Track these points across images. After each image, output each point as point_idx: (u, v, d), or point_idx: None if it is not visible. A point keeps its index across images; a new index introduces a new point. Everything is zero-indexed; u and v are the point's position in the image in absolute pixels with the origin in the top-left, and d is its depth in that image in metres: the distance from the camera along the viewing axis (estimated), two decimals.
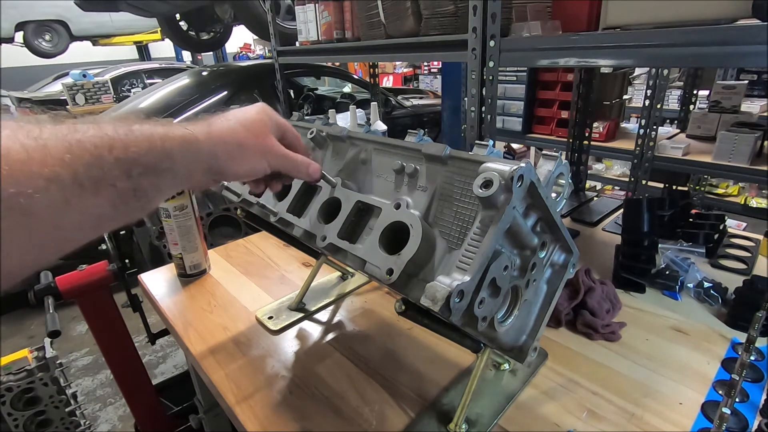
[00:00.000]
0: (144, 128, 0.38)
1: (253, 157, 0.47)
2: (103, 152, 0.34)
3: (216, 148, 0.43)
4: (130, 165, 0.35)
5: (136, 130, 0.37)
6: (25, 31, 6.44)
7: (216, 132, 0.44)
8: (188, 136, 0.41)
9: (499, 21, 0.97)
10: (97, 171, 0.33)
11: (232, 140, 0.45)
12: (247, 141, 0.46)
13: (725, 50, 0.67)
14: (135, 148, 0.36)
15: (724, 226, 1.08)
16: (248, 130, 0.46)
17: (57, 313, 1.03)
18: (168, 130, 0.40)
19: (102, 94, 4.12)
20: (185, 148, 0.41)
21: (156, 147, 0.38)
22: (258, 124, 0.48)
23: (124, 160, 0.35)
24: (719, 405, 0.52)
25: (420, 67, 7.90)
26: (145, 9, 3.68)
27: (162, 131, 0.39)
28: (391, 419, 0.62)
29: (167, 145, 0.39)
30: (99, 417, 1.90)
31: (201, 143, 0.42)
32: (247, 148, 0.46)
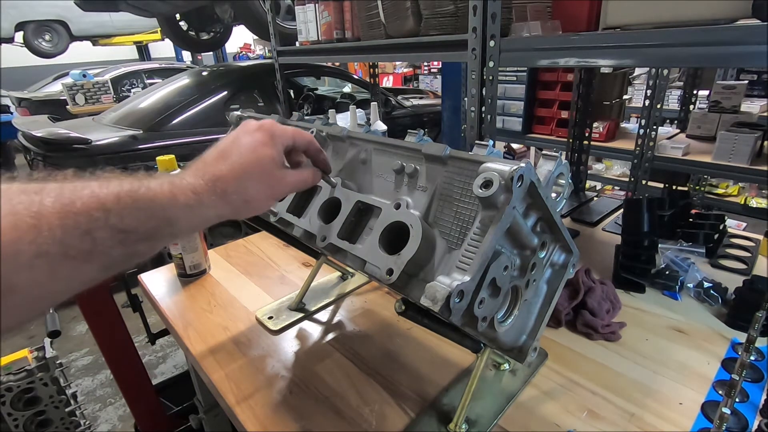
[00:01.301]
0: (149, 194, 0.37)
1: (259, 204, 0.47)
2: (98, 223, 0.33)
3: (220, 209, 0.43)
4: (126, 234, 0.35)
5: (140, 198, 0.36)
6: (25, 31, 6.44)
7: (220, 191, 0.42)
8: (192, 202, 0.40)
9: (499, 21, 0.97)
10: (90, 242, 0.33)
11: (237, 198, 0.44)
12: (253, 194, 0.45)
13: (725, 50, 0.67)
14: (134, 218, 0.35)
15: (724, 226, 1.08)
16: (253, 178, 0.45)
17: (57, 313, 1.03)
18: (174, 194, 0.39)
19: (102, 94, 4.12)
20: (189, 214, 0.40)
21: (157, 216, 0.37)
22: (263, 165, 0.46)
23: (120, 229, 0.35)
24: (719, 405, 0.52)
25: (420, 67, 7.90)
26: (145, 9, 3.68)
27: (166, 197, 0.38)
28: (391, 419, 0.61)
29: (170, 213, 0.38)
30: (99, 417, 1.90)
31: (205, 206, 0.41)
32: (252, 200, 0.45)
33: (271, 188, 0.47)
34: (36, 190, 0.32)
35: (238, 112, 0.81)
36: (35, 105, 4.67)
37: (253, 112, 0.80)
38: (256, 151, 0.46)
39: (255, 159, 0.45)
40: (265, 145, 0.46)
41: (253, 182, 0.45)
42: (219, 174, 0.43)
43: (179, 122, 2.64)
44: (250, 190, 0.45)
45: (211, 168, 0.43)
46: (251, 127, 0.48)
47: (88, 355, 2.28)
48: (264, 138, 0.47)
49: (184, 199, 0.39)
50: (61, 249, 0.31)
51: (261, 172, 0.45)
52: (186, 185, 0.40)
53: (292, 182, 0.50)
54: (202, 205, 0.41)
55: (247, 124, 0.49)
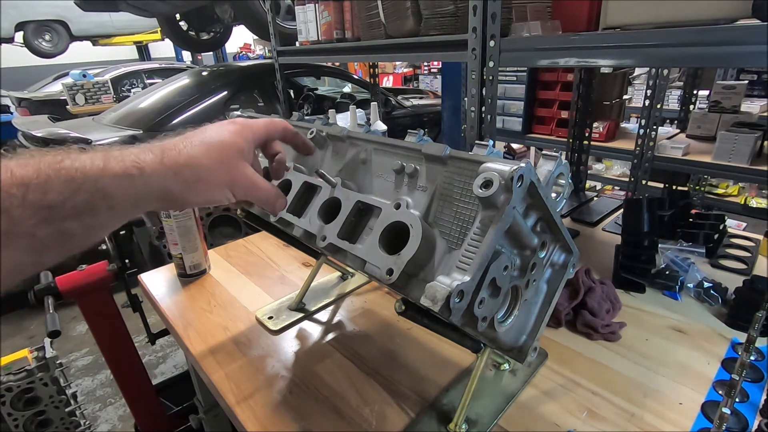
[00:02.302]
0: (75, 165, 0.34)
1: (213, 188, 0.42)
2: (14, 201, 0.30)
3: (167, 181, 0.39)
4: (51, 210, 0.32)
5: (63, 168, 0.33)
6: (25, 31, 6.44)
7: (170, 161, 0.39)
8: (131, 170, 0.36)
9: (499, 21, 0.97)
10: (6, 223, 0.30)
11: (188, 172, 0.40)
12: (206, 172, 0.41)
13: (725, 50, 0.67)
14: (58, 191, 0.32)
15: (724, 226, 1.08)
16: (211, 158, 0.41)
17: (57, 313, 1.03)
18: (107, 164, 0.35)
19: (102, 94, 4.12)
20: (127, 184, 0.36)
21: (86, 187, 0.34)
22: (226, 149, 0.43)
23: (43, 205, 0.31)
24: (719, 405, 0.52)
25: (420, 67, 7.90)
26: (145, 9, 3.68)
27: (98, 167, 0.35)
28: (391, 419, 0.61)
29: (102, 184, 0.34)
30: (99, 417, 1.90)
31: (148, 176, 0.37)
32: (205, 180, 0.41)
33: (229, 176, 0.43)
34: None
35: (238, 112, 0.81)
36: (35, 105, 4.67)
37: (253, 112, 0.80)
38: (222, 136, 0.43)
39: (219, 142, 0.42)
40: (233, 133, 0.44)
41: (209, 161, 0.41)
42: (172, 146, 0.40)
43: (179, 122, 2.64)
44: (206, 170, 0.41)
45: (166, 143, 0.40)
46: (223, 122, 0.46)
47: (88, 355, 2.28)
48: (234, 128, 0.45)
49: (120, 168, 0.36)
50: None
51: (223, 156, 0.42)
52: (127, 155, 0.37)
53: (255, 186, 0.46)
54: (144, 174, 0.37)
55: (222, 121, 0.47)
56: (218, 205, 0.46)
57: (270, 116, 0.57)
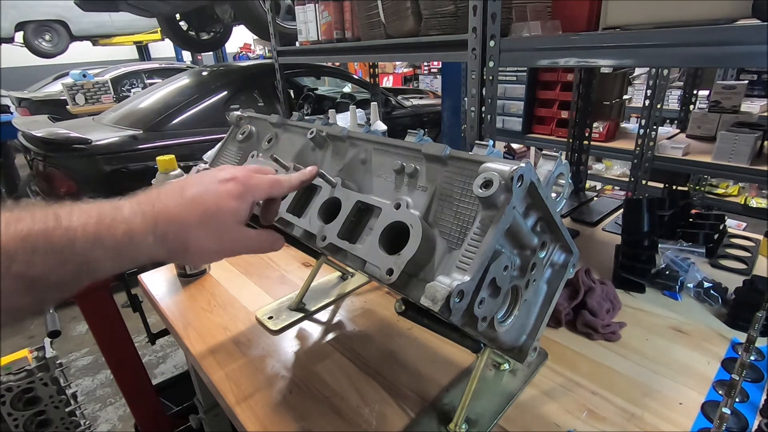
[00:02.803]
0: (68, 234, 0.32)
1: (201, 256, 0.42)
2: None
3: (156, 251, 0.38)
4: (32, 283, 0.31)
5: (54, 241, 0.32)
6: (25, 31, 6.45)
7: (160, 231, 0.38)
8: (122, 241, 0.35)
9: (499, 21, 0.97)
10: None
11: (177, 243, 0.39)
12: (195, 243, 0.40)
13: (725, 50, 0.67)
14: (44, 264, 0.31)
15: (724, 226, 1.08)
16: (204, 225, 0.40)
17: (57, 313, 1.03)
18: (99, 235, 0.34)
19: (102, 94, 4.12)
20: (115, 255, 0.35)
21: (74, 260, 0.33)
22: (221, 216, 0.41)
23: (27, 277, 0.31)
24: (719, 405, 0.52)
25: (420, 67, 7.90)
26: (145, 9, 3.68)
27: (89, 238, 0.34)
28: (391, 419, 0.61)
29: (92, 257, 0.34)
30: (99, 417, 1.90)
31: (138, 246, 0.37)
32: (193, 250, 0.40)
33: (221, 244, 0.42)
34: None
35: (238, 112, 0.81)
36: (35, 105, 4.68)
37: (253, 112, 0.80)
38: (219, 201, 0.41)
39: (215, 209, 0.40)
40: (232, 197, 0.42)
41: (201, 232, 0.40)
42: (164, 211, 0.38)
43: (179, 122, 2.64)
44: (195, 240, 0.40)
45: (161, 202, 0.39)
46: (225, 174, 0.43)
47: (88, 355, 2.28)
48: (235, 190, 0.42)
49: (111, 242, 0.35)
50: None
51: (215, 225, 0.40)
52: (119, 222, 0.36)
53: (249, 244, 0.45)
54: (133, 245, 0.36)
55: (224, 169, 0.45)
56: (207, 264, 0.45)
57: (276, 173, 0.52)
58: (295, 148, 0.68)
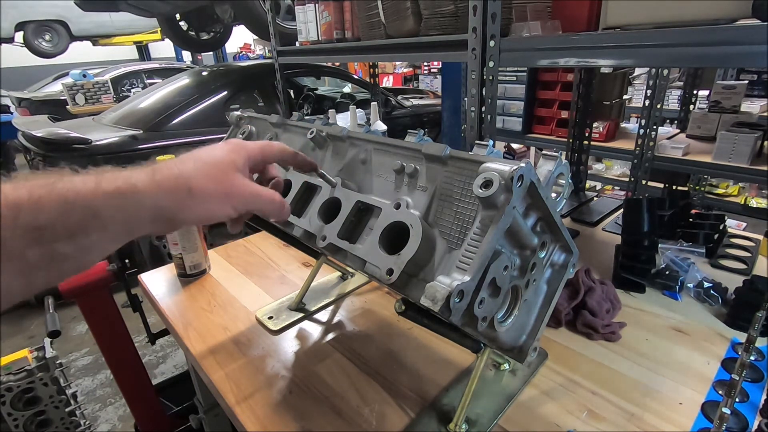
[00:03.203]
0: (68, 185, 0.33)
1: (210, 203, 0.42)
2: (5, 222, 0.30)
3: (159, 199, 0.38)
4: (41, 231, 0.32)
5: (55, 189, 0.33)
6: (25, 31, 6.45)
7: (161, 179, 0.39)
8: (124, 189, 0.36)
9: (499, 21, 0.97)
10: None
11: (181, 187, 0.40)
12: (200, 187, 0.41)
13: (725, 50, 0.67)
14: (49, 212, 0.32)
15: (724, 226, 1.08)
16: (206, 174, 0.41)
17: (57, 313, 1.03)
18: (99, 185, 0.35)
19: (102, 94, 4.13)
20: (119, 204, 0.36)
21: (75, 208, 0.33)
22: (220, 164, 0.43)
23: (34, 226, 0.31)
24: (719, 405, 0.52)
25: (420, 67, 7.90)
26: (145, 9, 3.69)
27: (90, 187, 0.34)
28: (391, 419, 0.61)
29: (94, 203, 0.34)
30: (99, 417, 1.90)
31: (140, 194, 0.37)
32: (201, 194, 0.41)
33: (224, 188, 0.43)
34: None
35: (238, 112, 0.81)
36: (35, 105, 4.68)
37: (253, 112, 0.80)
38: (214, 153, 0.43)
39: (212, 159, 0.43)
40: (226, 150, 0.44)
41: (203, 178, 0.41)
42: (164, 166, 0.40)
43: (179, 122, 2.64)
44: (198, 183, 0.41)
45: (159, 165, 0.40)
46: (218, 143, 0.46)
47: (88, 355, 2.28)
48: (228, 146, 0.45)
49: (112, 187, 0.35)
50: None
51: (215, 171, 0.42)
52: (119, 175, 0.37)
53: (254, 192, 0.46)
54: (136, 192, 0.37)
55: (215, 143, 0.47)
56: (219, 221, 0.45)
57: None
58: (295, 148, 0.68)
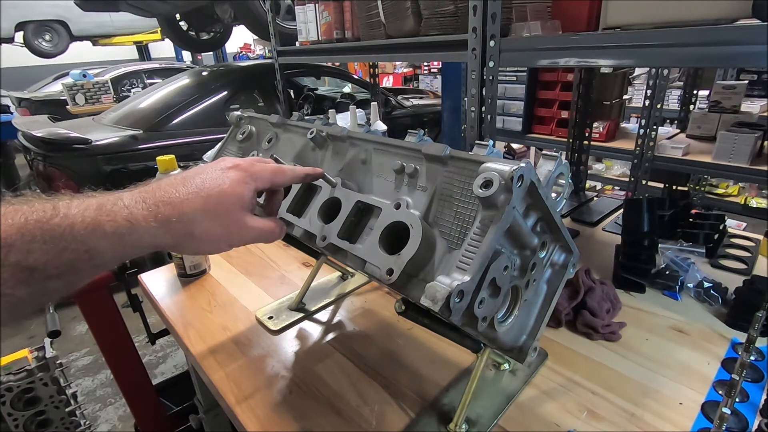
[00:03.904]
0: (65, 222, 0.32)
1: (206, 244, 0.40)
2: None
3: (157, 237, 0.37)
4: (30, 273, 0.31)
5: (51, 229, 0.31)
6: (25, 31, 6.44)
7: (162, 217, 0.37)
8: (122, 228, 0.35)
9: (499, 21, 0.97)
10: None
11: (180, 228, 0.38)
12: (200, 229, 0.39)
13: (725, 50, 0.66)
14: (42, 253, 0.31)
15: (724, 226, 1.08)
16: (207, 212, 0.39)
17: (57, 313, 1.03)
18: (98, 222, 0.34)
19: (102, 94, 4.12)
20: (116, 242, 0.35)
21: (72, 248, 0.32)
22: (225, 201, 0.40)
23: (24, 267, 0.30)
24: (719, 405, 0.52)
25: (420, 67, 7.90)
26: (145, 9, 3.68)
27: (90, 224, 0.33)
28: (391, 419, 0.61)
29: (90, 244, 0.33)
30: (99, 417, 1.90)
31: (140, 233, 0.36)
32: (198, 236, 0.39)
33: (227, 231, 0.41)
34: None
35: (238, 112, 0.81)
36: (35, 105, 4.67)
37: (253, 112, 0.80)
38: (223, 186, 0.40)
39: (218, 194, 0.39)
40: (235, 182, 0.41)
41: (207, 218, 0.39)
42: (167, 198, 0.37)
43: (179, 122, 2.64)
44: (200, 226, 0.39)
45: (162, 192, 0.38)
46: (226, 163, 0.43)
47: (88, 355, 2.28)
48: (237, 176, 0.41)
49: (111, 227, 0.34)
50: None
51: (220, 211, 0.40)
52: (119, 209, 0.35)
53: (255, 232, 0.44)
54: (135, 231, 0.35)
55: (224, 160, 0.44)
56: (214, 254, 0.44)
57: (279, 164, 0.52)
58: (295, 148, 0.68)
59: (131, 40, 7.98)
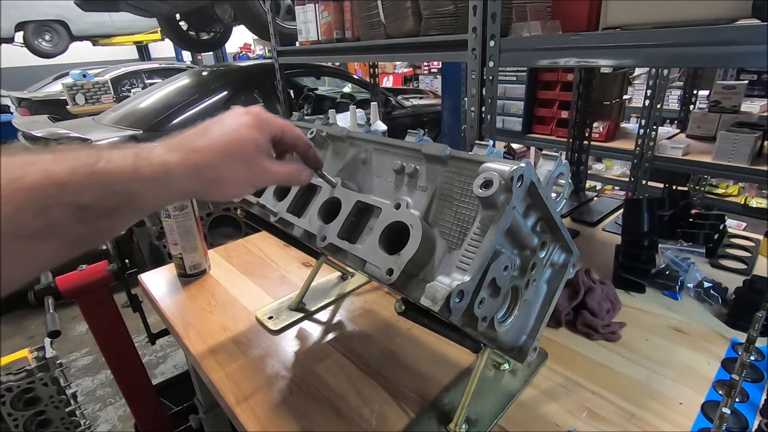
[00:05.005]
0: (109, 167, 0.35)
1: (233, 186, 0.44)
2: (51, 200, 0.31)
3: (190, 182, 0.40)
4: (85, 211, 0.33)
5: (98, 172, 0.34)
6: (25, 31, 6.44)
7: (192, 163, 0.40)
8: (159, 174, 0.38)
9: (499, 21, 0.97)
10: (44, 220, 0.31)
11: (210, 173, 0.41)
12: (227, 173, 0.42)
13: (725, 50, 0.67)
14: (92, 193, 0.33)
15: (724, 226, 1.08)
16: (230, 156, 0.42)
17: (57, 313, 1.02)
18: (138, 167, 0.36)
19: (102, 94, 4.12)
20: (154, 187, 0.38)
21: (118, 190, 0.35)
22: (245, 146, 0.43)
23: (78, 206, 0.33)
24: (719, 405, 0.52)
25: (420, 67, 7.90)
26: (145, 9, 3.68)
27: (130, 169, 0.36)
28: (391, 419, 0.61)
29: (134, 187, 0.36)
30: (99, 417, 1.90)
31: (174, 178, 0.39)
32: (226, 179, 0.43)
33: (250, 173, 0.44)
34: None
35: None
36: (35, 105, 4.67)
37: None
38: (239, 131, 0.44)
39: (237, 138, 0.43)
40: (250, 127, 0.44)
41: (230, 162, 0.42)
42: (194, 147, 0.41)
43: (179, 122, 2.64)
44: (227, 170, 0.42)
45: (187, 141, 0.41)
46: (239, 110, 0.46)
47: (88, 355, 2.28)
48: (250, 121, 0.45)
49: (150, 172, 0.37)
50: (13, 228, 0.30)
51: (241, 154, 0.43)
52: (154, 157, 0.38)
53: (278, 173, 0.47)
54: (170, 178, 0.38)
55: (235, 108, 0.47)
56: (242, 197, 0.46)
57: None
58: None
59: (131, 40, 7.98)
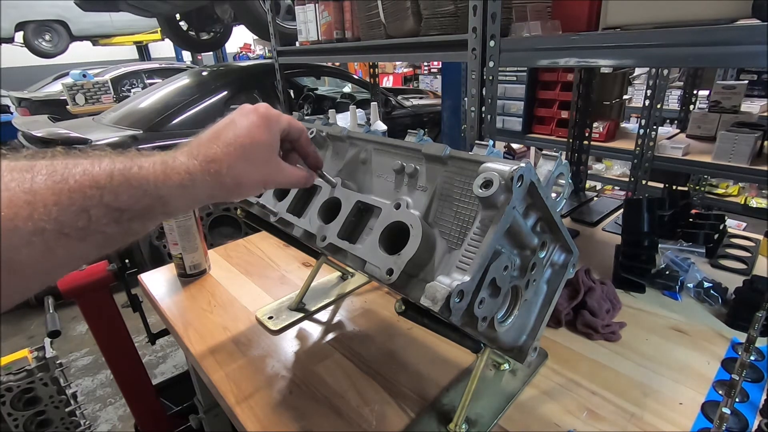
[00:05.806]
0: (142, 172, 0.38)
1: (250, 189, 0.47)
2: (92, 201, 0.34)
3: (213, 189, 0.43)
4: (121, 213, 0.36)
5: (132, 177, 0.37)
6: (25, 31, 6.44)
7: (214, 171, 0.43)
8: (185, 181, 0.41)
9: (499, 21, 0.97)
10: (85, 220, 0.33)
11: (230, 180, 0.44)
12: (245, 178, 0.45)
13: (725, 50, 0.67)
14: (127, 196, 0.36)
15: (724, 226, 1.08)
16: (248, 161, 0.45)
17: (57, 313, 1.03)
18: (166, 174, 0.39)
19: (102, 94, 4.12)
20: (182, 193, 0.41)
21: (150, 194, 0.38)
22: (260, 149, 0.46)
23: (115, 207, 0.35)
24: (719, 405, 0.52)
25: (420, 67, 7.90)
26: (145, 9, 3.68)
27: (160, 176, 0.39)
28: (391, 419, 0.61)
29: (162, 192, 0.39)
30: (99, 417, 1.90)
31: (198, 186, 0.42)
32: (244, 184, 0.46)
33: (263, 174, 0.47)
34: (26, 168, 0.32)
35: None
36: (35, 105, 4.67)
37: None
38: (252, 133, 0.46)
39: (250, 143, 0.45)
40: (260, 128, 0.46)
41: (246, 165, 0.45)
42: (212, 155, 0.43)
43: (179, 122, 2.64)
44: (244, 174, 0.45)
45: (205, 149, 0.43)
46: (246, 110, 0.48)
47: (88, 355, 2.28)
48: (259, 121, 0.47)
49: (177, 179, 0.40)
50: (57, 226, 0.32)
51: (255, 156, 0.46)
52: (179, 165, 0.41)
53: (288, 176, 0.50)
54: (195, 185, 0.41)
55: (243, 107, 0.49)
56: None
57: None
58: None
59: (131, 40, 7.98)
